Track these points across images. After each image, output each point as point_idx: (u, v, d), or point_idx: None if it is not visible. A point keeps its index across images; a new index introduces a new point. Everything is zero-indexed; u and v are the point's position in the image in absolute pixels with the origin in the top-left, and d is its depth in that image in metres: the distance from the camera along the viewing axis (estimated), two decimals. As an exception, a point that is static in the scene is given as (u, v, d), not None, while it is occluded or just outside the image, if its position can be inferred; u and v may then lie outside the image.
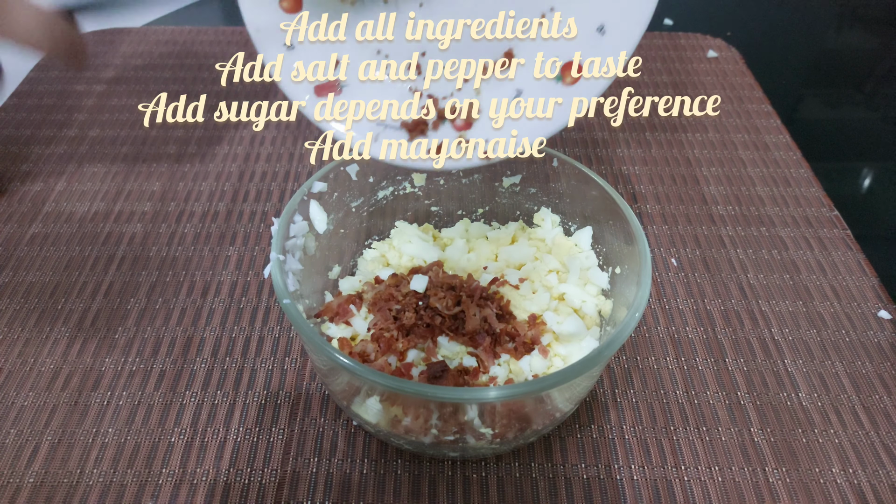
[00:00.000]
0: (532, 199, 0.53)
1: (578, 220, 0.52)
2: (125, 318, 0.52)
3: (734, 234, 0.60)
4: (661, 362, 0.50)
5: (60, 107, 0.74)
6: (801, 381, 0.49)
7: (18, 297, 0.54)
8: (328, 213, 0.48)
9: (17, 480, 0.42)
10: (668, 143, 0.70)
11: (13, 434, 0.45)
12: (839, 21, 1.04)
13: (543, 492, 0.42)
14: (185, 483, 0.42)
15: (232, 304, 0.53)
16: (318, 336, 0.36)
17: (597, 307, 0.48)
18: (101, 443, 0.44)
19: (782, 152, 0.69)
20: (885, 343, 0.51)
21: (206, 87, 0.77)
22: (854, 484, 0.43)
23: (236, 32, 0.87)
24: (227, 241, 0.59)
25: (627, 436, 0.45)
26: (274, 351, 0.50)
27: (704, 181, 0.66)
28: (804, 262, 0.58)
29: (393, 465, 0.44)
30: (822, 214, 0.62)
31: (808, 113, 0.83)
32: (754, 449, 0.45)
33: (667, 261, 0.58)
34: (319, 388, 0.48)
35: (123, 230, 0.59)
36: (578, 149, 0.69)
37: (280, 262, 0.41)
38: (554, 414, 0.41)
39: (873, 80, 0.90)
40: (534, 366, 0.44)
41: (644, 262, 0.41)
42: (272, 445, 0.44)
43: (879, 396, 0.48)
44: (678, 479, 0.43)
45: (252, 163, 0.67)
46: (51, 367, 0.49)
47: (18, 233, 0.59)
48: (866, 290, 0.55)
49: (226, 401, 0.47)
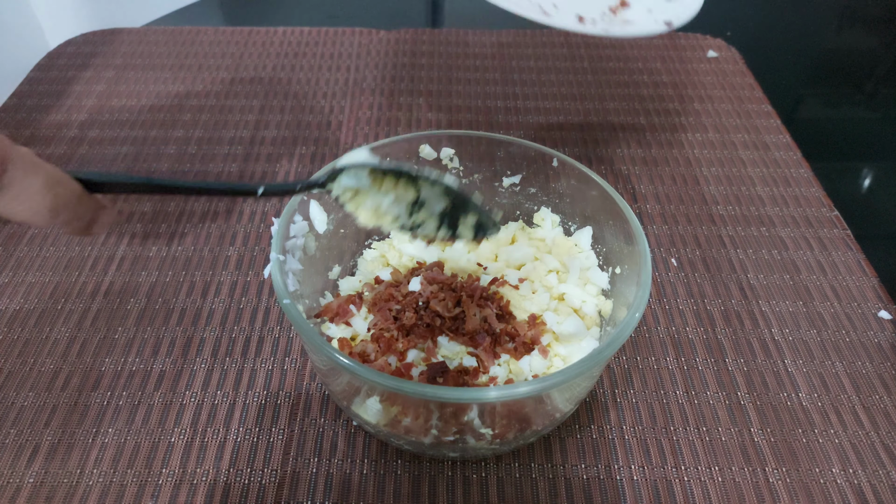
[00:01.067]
0: (532, 199, 0.53)
1: (578, 220, 0.52)
2: (125, 318, 0.52)
3: (734, 234, 0.60)
4: (661, 362, 0.50)
5: (60, 107, 0.74)
6: (801, 381, 0.49)
7: (18, 298, 0.54)
8: (328, 213, 0.48)
9: (17, 480, 0.42)
10: (668, 143, 0.70)
11: (13, 434, 0.45)
12: (839, 21, 1.04)
13: (543, 492, 0.42)
14: (185, 483, 0.42)
15: (232, 304, 0.53)
16: (318, 336, 0.36)
17: (597, 307, 0.48)
18: (101, 443, 0.44)
19: (782, 152, 0.69)
20: (885, 343, 0.51)
21: (206, 88, 0.77)
22: (854, 484, 0.43)
23: (236, 32, 0.87)
24: (227, 241, 0.59)
25: (627, 436, 0.45)
26: (274, 351, 0.50)
27: (704, 181, 0.66)
28: (804, 262, 0.58)
29: (393, 465, 0.44)
30: (822, 214, 0.62)
31: (808, 113, 0.83)
32: (754, 449, 0.45)
33: (667, 261, 0.58)
34: (319, 388, 0.48)
35: (123, 230, 0.59)
36: (578, 149, 0.69)
37: (280, 262, 0.41)
38: (554, 414, 0.41)
39: (873, 80, 0.90)
40: (534, 366, 0.44)
41: (644, 262, 0.41)
42: (272, 445, 0.44)
43: (879, 396, 0.48)
44: (678, 479, 0.43)
45: (252, 163, 0.67)
46: (51, 367, 0.49)
47: (18, 233, 0.59)
48: (866, 290, 0.55)
49: (226, 401, 0.47)
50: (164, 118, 0.72)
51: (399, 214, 0.38)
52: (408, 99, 0.76)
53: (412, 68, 0.81)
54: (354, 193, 0.38)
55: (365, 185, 0.37)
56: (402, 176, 0.37)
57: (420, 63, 0.82)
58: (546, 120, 0.73)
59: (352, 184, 0.38)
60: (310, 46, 0.84)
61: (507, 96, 0.76)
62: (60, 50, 0.83)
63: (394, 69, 0.81)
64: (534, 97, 0.76)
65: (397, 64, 0.82)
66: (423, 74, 0.80)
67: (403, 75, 0.79)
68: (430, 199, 0.38)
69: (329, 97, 0.76)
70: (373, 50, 0.84)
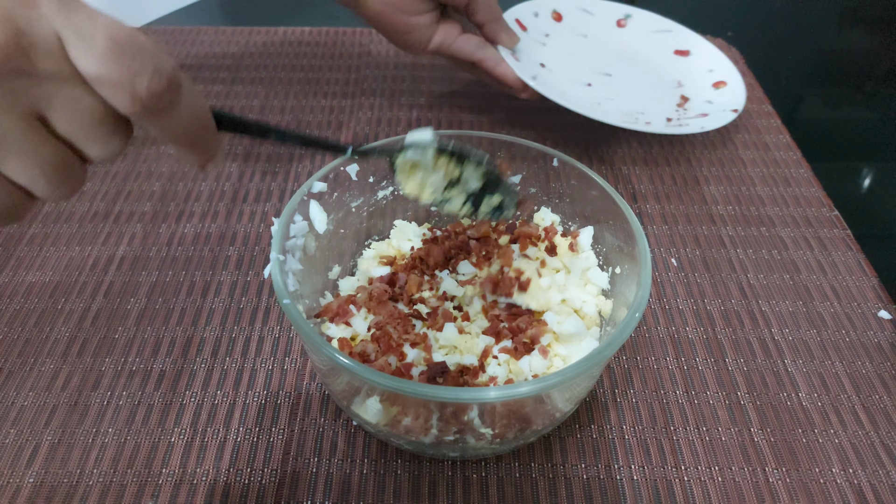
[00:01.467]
0: (532, 199, 0.53)
1: (578, 220, 0.52)
2: (125, 318, 0.52)
3: (734, 234, 0.60)
4: (661, 362, 0.50)
5: (60, 107, 0.74)
6: (801, 381, 0.49)
7: (18, 298, 0.54)
8: (328, 213, 0.48)
9: (17, 480, 0.42)
10: (668, 142, 0.70)
11: (13, 434, 0.45)
12: (839, 21, 1.04)
13: (543, 492, 0.42)
14: (185, 483, 0.42)
15: (232, 304, 0.53)
16: (318, 336, 0.36)
17: (597, 307, 0.48)
18: (101, 443, 0.44)
19: (782, 152, 0.69)
20: (885, 343, 0.51)
21: (206, 88, 0.77)
22: (854, 484, 0.43)
23: (236, 32, 0.87)
24: (227, 241, 0.59)
25: (627, 436, 0.45)
26: (274, 351, 0.50)
27: (704, 181, 0.66)
28: (804, 262, 0.58)
29: (393, 465, 0.44)
30: (822, 214, 0.62)
31: (808, 113, 0.83)
32: (754, 449, 0.45)
33: (667, 261, 0.58)
34: (319, 388, 0.48)
35: (123, 230, 0.59)
36: (578, 149, 0.69)
37: (280, 262, 0.41)
38: (554, 414, 0.41)
39: (873, 80, 0.90)
40: (534, 366, 0.44)
41: (644, 262, 0.41)
42: (272, 445, 0.44)
43: (879, 396, 0.48)
44: (678, 479, 0.43)
45: (252, 163, 0.67)
46: (51, 367, 0.49)
47: (18, 233, 0.59)
48: (866, 290, 0.55)
49: (226, 401, 0.47)
50: (164, 118, 0.72)
51: (437, 188, 0.42)
52: (408, 99, 0.76)
53: (412, 68, 0.81)
54: (411, 166, 0.42)
55: (427, 161, 0.41)
56: (456, 156, 0.41)
57: (420, 63, 0.82)
58: (546, 120, 0.73)
59: (416, 158, 0.41)
60: (310, 46, 0.84)
61: (507, 96, 0.76)
62: (60, 50, 0.83)
63: (394, 69, 0.81)
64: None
65: (397, 64, 0.82)
66: (422, 74, 0.80)
67: (404, 75, 0.79)
68: (469, 178, 0.42)
69: (329, 97, 0.76)
70: (373, 50, 0.84)
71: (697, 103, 0.69)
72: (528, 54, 0.70)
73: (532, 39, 0.73)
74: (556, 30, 0.76)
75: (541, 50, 0.73)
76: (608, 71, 0.73)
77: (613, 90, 0.71)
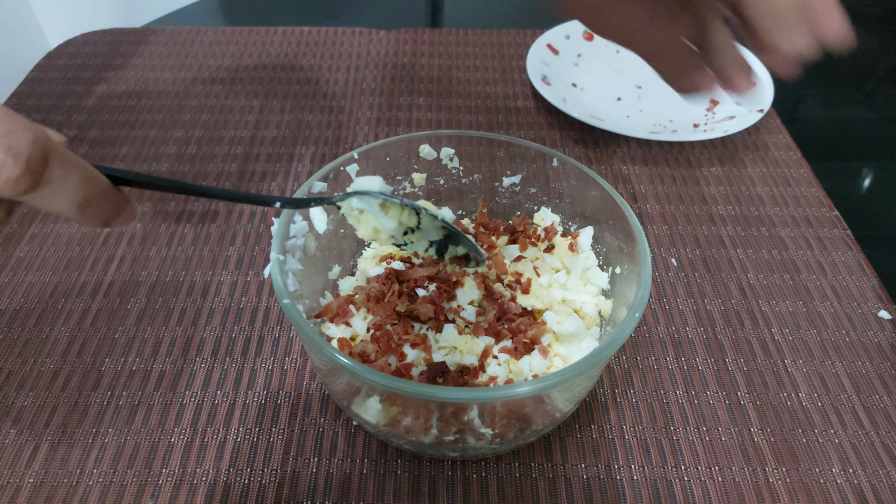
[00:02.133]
0: (532, 199, 0.53)
1: (578, 220, 0.52)
2: (125, 318, 0.52)
3: (734, 234, 0.60)
4: (661, 362, 0.50)
5: (60, 107, 0.74)
6: (801, 381, 0.49)
7: (18, 297, 0.54)
8: (328, 213, 0.48)
9: (17, 480, 0.42)
10: (667, 142, 0.70)
11: (13, 434, 0.45)
12: (839, 21, 1.04)
13: (543, 492, 0.42)
14: (185, 483, 0.42)
15: (232, 304, 0.53)
16: (318, 336, 0.36)
17: (597, 307, 0.48)
18: (101, 443, 0.44)
19: (782, 152, 0.69)
20: (885, 343, 0.51)
21: (205, 87, 0.77)
22: (854, 484, 0.43)
23: (236, 32, 0.87)
24: (227, 241, 0.59)
25: (627, 436, 0.45)
26: (274, 351, 0.50)
27: (704, 181, 0.66)
28: (804, 262, 0.58)
29: (393, 465, 0.44)
30: (822, 214, 0.62)
31: (808, 113, 0.83)
32: (754, 449, 0.45)
33: (667, 261, 0.58)
34: (319, 388, 0.48)
35: (123, 231, 0.59)
36: (578, 149, 0.69)
37: (280, 262, 0.41)
38: (554, 414, 0.41)
39: (873, 80, 0.90)
40: (534, 366, 0.44)
41: (644, 262, 0.41)
42: (272, 445, 0.44)
43: (879, 396, 0.48)
44: (678, 479, 0.43)
45: (252, 163, 0.67)
46: (51, 366, 0.49)
47: (18, 233, 0.59)
48: (866, 290, 0.55)
49: (226, 401, 0.47)
50: (164, 118, 0.72)
51: (395, 233, 0.40)
52: (408, 99, 0.76)
53: (412, 68, 0.81)
54: (360, 212, 0.40)
55: (374, 210, 0.39)
56: (409, 208, 0.39)
57: (420, 63, 0.82)
58: (546, 120, 0.73)
59: (361, 206, 0.39)
60: (310, 46, 0.84)
61: (507, 96, 0.76)
62: (60, 50, 0.83)
63: (394, 69, 0.81)
64: (533, 97, 0.76)
65: (397, 64, 0.81)
66: (423, 74, 0.80)
67: (403, 75, 0.79)
68: (428, 228, 0.41)
69: (329, 97, 0.76)
70: (373, 50, 0.84)
71: (727, 105, 0.71)
72: (559, 77, 0.75)
73: (564, 62, 0.78)
74: (589, 49, 0.80)
75: (573, 71, 0.78)
76: (639, 83, 0.76)
77: (644, 102, 0.75)
